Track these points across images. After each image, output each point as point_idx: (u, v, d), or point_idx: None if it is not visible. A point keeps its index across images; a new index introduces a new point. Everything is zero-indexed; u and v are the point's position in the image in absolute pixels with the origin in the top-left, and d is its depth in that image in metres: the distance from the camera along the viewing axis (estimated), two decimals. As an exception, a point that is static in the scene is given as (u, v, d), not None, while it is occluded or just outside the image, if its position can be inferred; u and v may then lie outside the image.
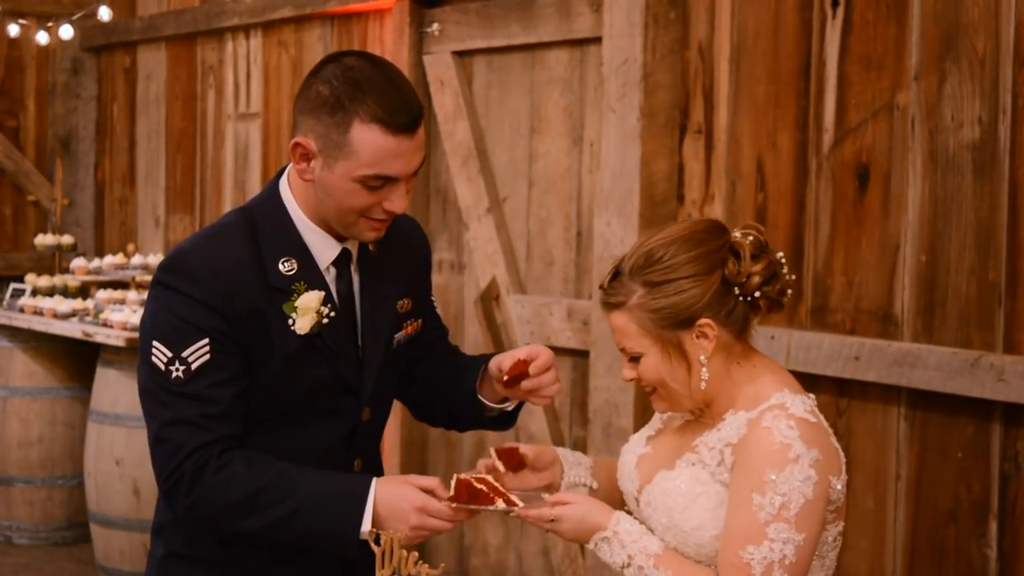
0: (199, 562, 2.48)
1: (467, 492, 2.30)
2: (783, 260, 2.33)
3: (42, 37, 6.84)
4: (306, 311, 2.36)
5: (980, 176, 3.38)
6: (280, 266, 2.38)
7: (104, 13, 6.63)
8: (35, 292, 6.50)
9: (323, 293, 2.38)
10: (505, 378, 2.45)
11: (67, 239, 6.90)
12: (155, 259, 6.30)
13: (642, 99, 4.14)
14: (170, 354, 2.32)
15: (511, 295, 4.82)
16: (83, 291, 6.59)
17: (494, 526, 5.00)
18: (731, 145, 4.01)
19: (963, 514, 3.42)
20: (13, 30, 6.84)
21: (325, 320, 2.38)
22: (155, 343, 2.33)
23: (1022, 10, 3.29)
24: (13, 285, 6.60)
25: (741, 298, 2.29)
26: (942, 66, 3.45)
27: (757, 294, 2.28)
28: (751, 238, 2.30)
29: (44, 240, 6.88)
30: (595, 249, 4.35)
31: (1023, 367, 3.22)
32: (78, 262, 6.47)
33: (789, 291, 2.33)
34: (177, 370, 2.31)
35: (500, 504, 2.29)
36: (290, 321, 2.36)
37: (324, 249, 2.42)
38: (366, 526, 2.31)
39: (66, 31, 6.75)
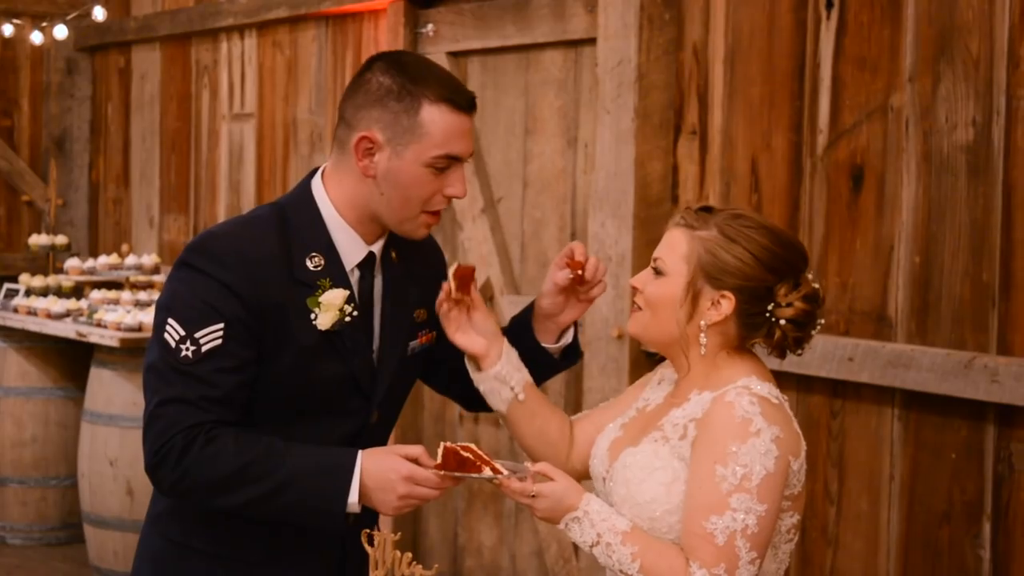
0: (196, 552, 2.48)
1: (455, 460, 2.31)
2: (819, 327, 2.41)
3: (36, 37, 6.83)
4: (329, 307, 2.39)
5: (974, 178, 3.38)
6: (307, 262, 2.41)
7: (99, 13, 6.62)
8: (29, 292, 6.49)
9: (348, 292, 2.41)
10: (580, 273, 2.51)
11: (61, 239, 6.90)
12: (149, 259, 6.29)
13: (637, 100, 4.14)
14: (183, 333, 2.34)
15: (505, 296, 4.82)
16: (77, 291, 6.58)
17: (488, 527, 5.00)
18: (725, 146, 4.01)
19: (957, 515, 3.42)
20: (7, 30, 6.84)
21: (347, 318, 2.40)
22: (170, 320, 2.36)
23: (1016, 12, 3.30)
24: (7, 285, 6.59)
25: (768, 315, 2.36)
26: (936, 68, 3.46)
27: (782, 322, 2.35)
28: (817, 287, 2.40)
29: (38, 240, 6.87)
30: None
31: (1017, 368, 3.22)
32: (72, 262, 6.46)
33: (801, 349, 2.41)
34: (187, 349, 2.33)
35: (487, 472, 2.30)
36: (312, 315, 2.39)
37: (351, 250, 2.45)
38: (353, 498, 2.32)
39: (60, 31, 6.75)
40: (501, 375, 2.53)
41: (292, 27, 5.96)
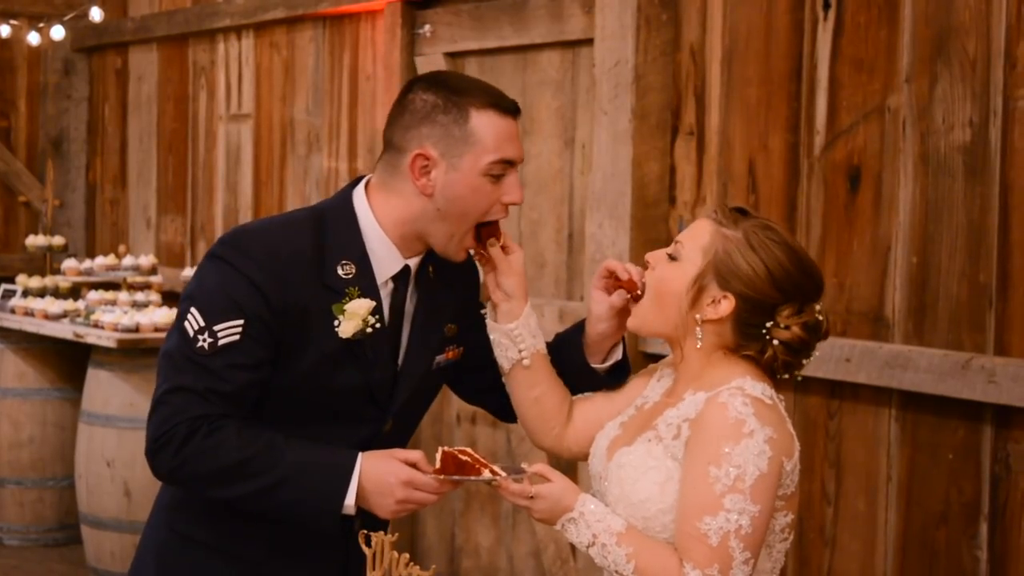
0: (199, 545, 2.49)
1: (453, 464, 2.32)
2: (813, 356, 2.42)
3: (33, 38, 6.83)
4: (353, 316, 2.39)
5: (971, 178, 3.38)
6: (339, 268, 2.41)
7: (96, 14, 6.62)
8: (26, 293, 6.49)
9: (374, 303, 2.41)
10: (638, 293, 2.49)
11: (58, 240, 6.89)
12: (146, 260, 6.29)
13: (634, 101, 4.14)
14: (203, 323, 2.35)
15: (503, 296, 4.82)
16: (74, 292, 6.58)
17: (485, 528, 5.00)
18: (723, 147, 4.01)
19: (954, 516, 3.42)
20: (4, 31, 6.83)
21: (369, 329, 2.40)
22: (192, 309, 2.37)
23: (1013, 12, 3.30)
24: (4, 286, 6.59)
25: (764, 331, 2.37)
26: (933, 68, 3.46)
27: (775, 342, 2.36)
28: (822, 319, 2.40)
29: (35, 241, 6.87)
30: (587, 251, 4.35)
31: (1014, 369, 3.22)
32: (69, 263, 6.46)
33: (789, 374, 2.41)
34: (204, 341, 2.34)
35: (486, 474, 2.30)
36: (336, 322, 2.39)
37: (387, 262, 2.46)
38: (350, 500, 2.33)
39: (57, 32, 6.75)
40: (513, 334, 2.54)
41: (289, 28, 5.96)
